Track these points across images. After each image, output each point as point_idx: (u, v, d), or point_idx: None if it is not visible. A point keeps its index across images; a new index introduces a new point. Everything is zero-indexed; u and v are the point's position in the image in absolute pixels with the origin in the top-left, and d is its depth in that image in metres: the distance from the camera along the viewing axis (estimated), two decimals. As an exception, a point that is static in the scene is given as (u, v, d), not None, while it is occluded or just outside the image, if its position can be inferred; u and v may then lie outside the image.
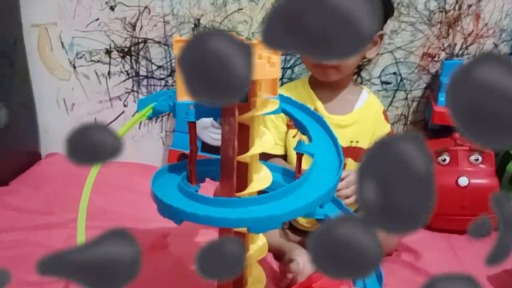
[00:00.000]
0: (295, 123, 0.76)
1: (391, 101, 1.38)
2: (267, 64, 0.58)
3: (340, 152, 0.69)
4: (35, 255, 0.23)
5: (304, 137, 0.73)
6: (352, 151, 1.07)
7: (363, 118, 1.07)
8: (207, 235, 1.09)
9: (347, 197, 0.89)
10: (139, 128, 1.50)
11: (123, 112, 1.48)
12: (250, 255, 0.68)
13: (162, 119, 1.49)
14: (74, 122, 1.50)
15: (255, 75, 0.56)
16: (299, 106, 0.77)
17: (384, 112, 1.11)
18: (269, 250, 0.98)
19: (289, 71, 1.37)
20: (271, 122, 1.05)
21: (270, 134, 0.67)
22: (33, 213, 1.15)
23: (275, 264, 0.98)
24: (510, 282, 0.91)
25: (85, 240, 0.60)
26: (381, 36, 1.04)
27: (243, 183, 0.65)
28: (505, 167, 1.13)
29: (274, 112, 0.65)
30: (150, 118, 0.73)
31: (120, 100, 1.47)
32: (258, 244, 0.70)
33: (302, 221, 1.05)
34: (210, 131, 1.35)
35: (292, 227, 1.07)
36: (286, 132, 1.06)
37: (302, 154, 0.71)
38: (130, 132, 1.50)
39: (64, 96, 1.48)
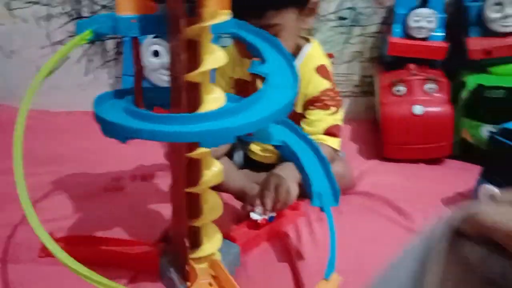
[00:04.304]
0: (248, 46, 0.72)
1: (347, 37, 1.35)
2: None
3: (295, 70, 0.66)
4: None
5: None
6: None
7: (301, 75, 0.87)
8: (162, 178, 1.06)
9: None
10: (85, 75, 1.42)
11: (69, 58, 1.38)
12: (205, 181, 0.65)
13: (110, 64, 1.40)
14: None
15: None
16: (251, 30, 0.73)
17: (320, 68, 0.96)
18: (229, 192, 0.96)
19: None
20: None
21: (221, 50, 0.63)
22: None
23: (235, 202, 0.96)
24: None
25: (25, 186, 0.55)
26: (317, 3, 0.91)
27: (194, 105, 0.61)
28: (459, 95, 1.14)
29: (225, 26, 0.61)
30: (91, 42, 0.67)
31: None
32: (213, 170, 0.67)
33: (259, 152, 1.02)
34: (160, 73, 1.28)
35: (249, 165, 1.04)
36: None
37: (257, 76, 0.67)
38: (76, 80, 1.42)
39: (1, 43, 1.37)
